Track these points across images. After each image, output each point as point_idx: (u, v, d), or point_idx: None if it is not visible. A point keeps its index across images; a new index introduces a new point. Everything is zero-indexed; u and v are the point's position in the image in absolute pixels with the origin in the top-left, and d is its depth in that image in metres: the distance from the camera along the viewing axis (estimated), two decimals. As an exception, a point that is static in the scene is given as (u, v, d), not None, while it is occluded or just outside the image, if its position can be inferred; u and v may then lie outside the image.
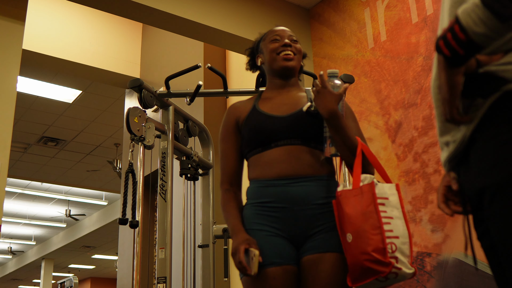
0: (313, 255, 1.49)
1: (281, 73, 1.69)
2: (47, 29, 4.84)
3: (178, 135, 2.89)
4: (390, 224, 1.35)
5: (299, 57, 1.70)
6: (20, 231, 12.42)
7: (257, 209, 1.56)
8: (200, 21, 3.69)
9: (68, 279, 5.27)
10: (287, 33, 1.71)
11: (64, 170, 8.56)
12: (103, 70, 5.12)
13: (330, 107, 1.50)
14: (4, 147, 2.72)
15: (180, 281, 3.16)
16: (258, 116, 1.63)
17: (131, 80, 2.59)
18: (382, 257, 1.30)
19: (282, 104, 1.65)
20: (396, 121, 3.33)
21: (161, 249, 2.51)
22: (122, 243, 5.37)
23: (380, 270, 1.31)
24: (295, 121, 1.59)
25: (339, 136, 1.51)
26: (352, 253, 1.37)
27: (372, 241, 1.32)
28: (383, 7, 3.63)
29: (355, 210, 1.38)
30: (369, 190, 1.39)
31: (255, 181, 1.60)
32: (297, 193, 1.52)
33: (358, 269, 1.35)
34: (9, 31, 2.97)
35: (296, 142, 1.57)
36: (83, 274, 16.60)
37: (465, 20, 0.89)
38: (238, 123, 1.69)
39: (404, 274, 1.33)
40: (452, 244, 2.82)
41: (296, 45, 1.70)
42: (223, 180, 1.68)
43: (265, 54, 1.71)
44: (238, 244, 1.48)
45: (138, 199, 2.44)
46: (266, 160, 1.57)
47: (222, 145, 1.71)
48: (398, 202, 1.41)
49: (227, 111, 1.73)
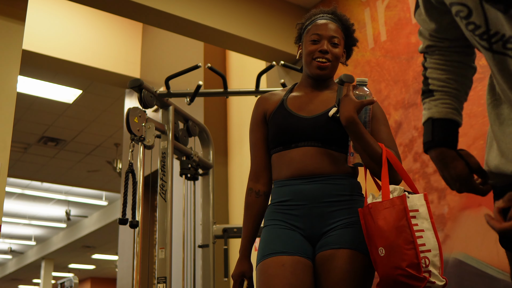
0: (327, 251, 1.49)
1: (313, 78, 1.68)
2: (47, 29, 4.85)
3: (178, 135, 2.89)
4: (422, 238, 1.35)
5: (335, 64, 1.65)
6: (20, 231, 12.42)
7: (276, 208, 1.59)
8: (200, 21, 3.69)
9: (68, 279, 5.26)
10: (328, 33, 1.64)
11: (64, 170, 8.57)
12: (103, 70, 5.12)
13: (348, 115, 1.49)
14: (4, 147, 2.72)
15: (180, 281, 3.16)
16: (284, 114, 1.63)
17: (131, 80, 2.59)
18: (416, 272, 1.30)
19: (310, 103, 1.65)
20: (396, 121, 3.33)
21: (161, 249, 2.51)
22: (122, 243, 5.37)
23: (415, 285, 1.31)
24: (318, 124, 1.58)
25: (359, 143, 1.50)
26: (385, 267, 1.36)
27: (407, 256, 1.31)
28: (383, 7, 3.63)
29: (387, 224, 1.36)
30: (400, 203, 1.37)
31: (276, 182, 1.63)
32: (312, 190, 1.53)
33: (391, 283, 1.35)
34: (9, 31, 2.97)
35: (316, 145, 1.57)
36: (83, 274, 16.60)
37: None
38: (265, 116, 1.69)
39: (437, 287, 1.34)
40: (452, 244, 2.82)
41: (335, 49, 1.63)
42: (250, 175, 1.69)
43: (303, 50, 1.69)
44: (235, 274, 1.58)
45: (138, 199, 2.44)
46: (284, 161, 1.59)
47: (251, 136, 1.71)
48: (427, 213, 1.39)
49: (257, 102, 1.73)
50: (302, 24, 1.75)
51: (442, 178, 1.21)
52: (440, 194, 2.95)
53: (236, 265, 1.60)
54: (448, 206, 2.89)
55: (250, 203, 1.65)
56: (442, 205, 2.92)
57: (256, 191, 1.65)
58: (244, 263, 1.59)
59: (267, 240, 1.55)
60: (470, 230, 2.75)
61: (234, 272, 1.59)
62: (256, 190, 1.65)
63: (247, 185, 1.67)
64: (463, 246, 2.77)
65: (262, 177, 1.66)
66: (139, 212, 2.41)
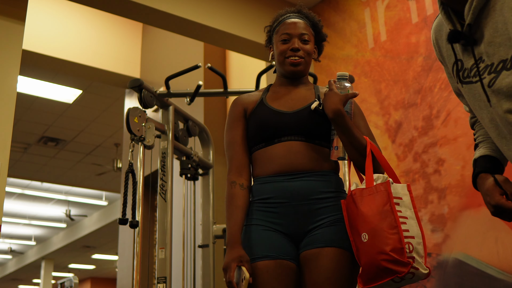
0: (312, 250, 1.47)
1: (288, 76, 1.69)
2: (47, 29, 4.85)
3: (178, 135, 2.88)
4: (406, 224, 1.34)
5: (308, 60, 1.67)
6: (20, 231, 12.41)
7: (258, 206, 1.56)
8: (200, 21, 3.69)
9: (68, 279, 5.26)
10: (298, 31, 1.66)
11: (64, 170, 8.56)
12: (103, 70, 5.12)
13: (334, 107, 1.49)
14: (4, 147, 2.72)
15: (180, 281, 3.16)
16: (265, 110, 1.62)
17: (131, 80, 2.59)
18: (400, 257, 1.29)
19: (289, 99, 1.65)
20: (396, 121, 3.33)
21: (161, 249, 2.51)
22: (122, 243, 5.37)
23: (399, 270, 1.29)
24: (300, 118, 1.58)
25: (345, 136, 1.50)
26: (368, 253, 1.34)
27: (390, 240, 1.30)
28: (383, 7, 3.63)
29: (371, 209, 1.36)
30: (384, 189, 1.38)
31: (257, 178, 1.60)
32: (296, 187, 1.51)
33: (373, 269, 1.33)
34: (9, 31, 2.97)
35: (299, 139, 1.56)
36: (83, 274, 16.59)
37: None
38: (245, 113, 1.67)
39: (420, 274, 1.32)
40: (452, 244, 2.82)
41: (306, 46, 1.66)
42: (230, 170, 1.61)
43: (275, 51, 1.70)
44: (230, 260, 1.44)
45: (138, 199, 2.44)
46: (267, 156, 1.57)
47: (230, 132, 1.66)
48: (410, 203, 1.40)
49: (234, 102, 1.71)
50: (270, 26, 1.76)
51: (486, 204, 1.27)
52: (440, 194, 2.95)
53: (229, 252, 1.47)
54: (448, 206, 2.89)
55: (235, 194, 1.56)
56: (442, 205, 2.92)
57: (240, 184, 1.58)
58: (239, 249, 1.47)
59: (249, 242, 1.51)
60: (470, 230, 2.75)
61: (228, 259, 1.45)
62: (240, 183, 1.58)
63: (229, 179, 1.59)
64: (463, 246, 2.77)
65: (244, 172, 1.60)
66: (139, 212, 2.41)
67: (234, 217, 1.53)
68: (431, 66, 3.16)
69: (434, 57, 3.16)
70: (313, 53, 1.69)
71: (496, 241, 2.61)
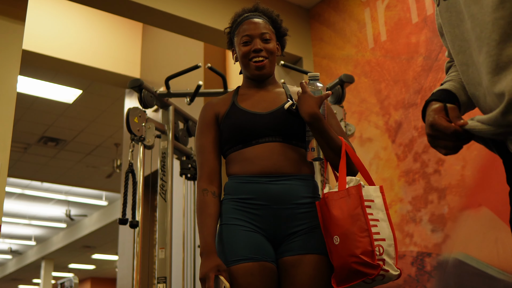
0: (293, 257, 1.47)
1: (254, 79, 1.67)
2: (47, 29, 4.84)
3: (178, 135, 2.89)
4: (377, 227, 1.36)
5: (272, 59, 1.65)
6: (20, 231, 12.41)
7: (236, 205, 1.53)
8: (200, 21, 3.69)
9: (68, 279, 5.27)
10: (258, 30, 1.64)
11: (64, 170, 8.56)
12: (103, 70, 5.12)
13: (311, 111, 1.48)
14: (4, 147, 2.72)
15: (180, 281, 3.16)
16: (238, 113, 1.60)
17: (131, 80, 2.59)
18: (370, 259, 1.31)
19: (261, 101, 1.63)
20: (396, 121, 3.33)
21: (161, 249, 2.51)
22: (122, 243, 5.37)
23: (369, 273, 1.32)
24: (276, 119, 1.57)
25: (322, 139, 1.50)
26: (340, 256, 1.37)
27: (361, 243, 1.33)
28: (383, 7, 3.63)
29: (342, 212, 1.38)
30: (356, 192, 1.39)
31: (235, 176, 1.57)
32: (278, 191, 1.50)
33: (345, 271, 1.36)
34: (9, 31, 2.97)
35: (277, 140, 1.55)
36: (83, 274, 16.59)
37: None
38: (217, 119, 1.64)
39: (391, 275, 1.34)
40: (452, 244, 2.82)
41: (268, 45, 1.63)
42: (200, 177, 1.59)
43: (237, 54, 1.67)
44: (208, 270, 1.42)
45: (138, 199, 2.44)
46: (247, 157, 1.55)
47: (200, 140, 1.63)
48: (382, 205, 1.42)
49: (204, 107, 1.67)
50: (230, 28, 1.74)
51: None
52: (440, 194, 2.95)
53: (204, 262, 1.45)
54: (448, 206, 2.89)
55: (208, 202, 1.54)
56: (442, 205, 2.92)
57: (212, 191, 1.56)
58: (215, 258, 1.45)
59: (230, 242, 1.49)
60: (470, 230, 2.75)
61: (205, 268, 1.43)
62: (212, 191, 1.56)
63: (200, 186, 1.57)
64: (463, 246, 2.77)
65: (215, 179, 1.59)
66: (139, 212, 2.41)
67: (207, 226, 1.51)
68: (431, 66, 3.16)
69: (434, 57, 3.16)
70: (276, 50, 1.67)
71: (496, 241, 2.61)
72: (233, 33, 1.72)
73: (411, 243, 3.06)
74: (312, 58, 4.14)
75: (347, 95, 3.30)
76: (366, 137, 3.52)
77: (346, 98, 3.27)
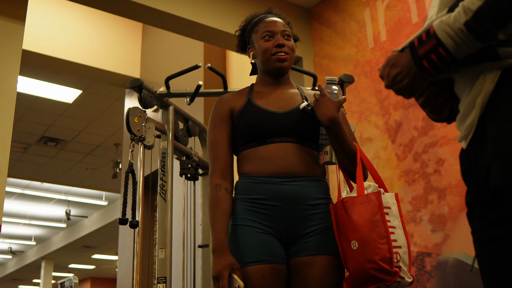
0: (305, 257, 1.48)
1: (275, 74, 1.66)
2: (47, 29, 4.84)
3: (178, 135, 2.89)
4: (394, 234, 1.38)
5: (292, 56, 1.65)
6: (20, 231, 12.41)
7: (248, 205, 1.52)
8: (200, 21, 3.69)
9: (68, 279, 5.26)
10: (279, 28, 1.65)
11: (64, 170, 8.56)
12: (103, 70, 5.12)
13: (330, 115, 1.49)
14: (4, 147, 2.72)
15: (180, 281, 3.16)
16: (255, 110, 1.59)
17: (131, 80, 2.59)
18: (389, 266, 1.33)
19: (277, 100, 1.63)
20: (396, 121, 3.33)
21: (161, 249, 2.51)
22: (122, 243, 5.37)
23: (386, 279, 1.33)
24: (291, 119, 1.57)
25: (338, 143, 1.51)
26: (357, 260, 1.37)
27: (380, 250, 1.34)
28: (383, 7, 3.63)
29: (362, 218, 1.39)
30: (376, 198, 1.40)
31: (248, 176, 1.56)
32: (291, 192, 1.50)
33: (361, 276, 1.37)
34: (9, 31, 2.97)
35: (292, 140, 1.55)
36: (83, 274, 16.60)
37: (450, 44, 0.96)
38: (232, 114, 1.63)
39: (405, 283, 1.36)
40: (452, 244, 2.82)
41: (289, 42, 1.64)
42: (213, 172, 1.57)
43: (257, 50, 1.66)
44: (222, 268, 1.41)
45: (138, 199, 2.44)
46: (261, 156, 1.54)
47: (214, 133, 1.62)
48: (398, 212, 1.43)
49: (219, 101, 1.66)
50: (244, 30, 1.73)
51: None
52: (440, 194, 2.95)
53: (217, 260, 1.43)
54: (448, 206, 2.89)
55: (221, 198, 1.52)
56: (442, 205, 2.92)
57: (225, 187, 1.55)
58: (229, 256, 1.44)
59: (242, 244, 1.48)
60: (470, 230, 2.75)
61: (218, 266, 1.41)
62: (225, 187, 1.55)
63: (213, 181, 1.55)
64: (463, 246, 2.76)
65: (228, 175, 1.57)
66: (139, 212, 2.41)
67: (220, 222, 1.50)
68: (431, 66, 3.16)
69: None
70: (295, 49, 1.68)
71: (496, 241, 2.61)
72: (249, 32, 1.71)
73: (411, 243, 3.06)
74: (312, 58, 4.14)
75: (347, 95, 3.31)
76: (366, 137, 3.52)
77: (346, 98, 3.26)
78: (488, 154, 0.99)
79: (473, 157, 1.05)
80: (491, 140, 0.98)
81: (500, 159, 0.95)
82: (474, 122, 1.03)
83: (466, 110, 1.05)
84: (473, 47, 0.96)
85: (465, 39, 0.95)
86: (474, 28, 0.93)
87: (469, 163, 1.07)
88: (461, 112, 1.08)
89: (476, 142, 1.04)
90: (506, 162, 0.94)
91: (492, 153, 0.97)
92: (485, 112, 1.01)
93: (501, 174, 0.95)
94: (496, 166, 0.96)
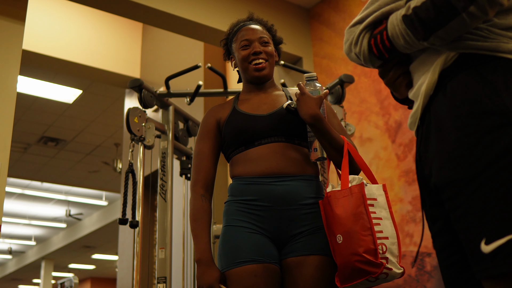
0: (296, 258, 1.47)
1: (254, 82, 1.68)
2: (47, 29, 4.84)
3: (178, 135, 2.89)
4: (380, 225, 1.37)
5: (271, 62, 1.67)
6: (20, 231, 12.41)
7: (239, 206, 1.53)
8: (200, 21, 3.69)
9: (68, 279, 5.27)
10: (257, 35, 1.66)
11: (64, 170, 8.56)
12: (103, 70, 5.12)
13: (312, 112, 1.48)
14: (4, 147, 2.72)
15: (180, 281, 3.16)
16: (240, 116, 1.61)
17: (131, 80, 2.59)
18: (373, 258, 1.32)
19: (261, 103, 1.64)
20: (396, 121, 3.33)
21: (161, 249, 2.51)
22: (122, 243, 5.37)
23: (372, 271, 1.32)
24: (277, 119, 1.58)
25: (324, 139, 1.50)
26: (343, 254, 1.37)
27: (363, 242, 1.33)
28: (383, 7, 3.63)
29: (345, 211, 1.38)
30: (358, 191, 1.39)
31: (239, 178, 1.57)
32: (282, 192, 1.50)
33: (348, 270, 1.36)
34: (9, 31, 2.97)
35: (280, 140, 1.56)
36: (83, 274, 16.60)
37: (391, 31, 1.04)
38: (219, 124, 1.65)
39: (394, 274, 1.35)
40: (452, 244, 2.82)
41: (267, 48, 1.66)
42: (197, 182, 1.60)
43: (237, 59, 1.69)
44: (213, 281, 1.44)
45: (138, 199, 2.44)
46: (250, 158, 1.55)
47: (200, 144, 1.64)
48: (385, 203, 1.42)
49: (207, 114, 1.69)
50: (226, 39, 1.76)
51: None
52: (440, 194, 2.95)
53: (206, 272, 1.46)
54: (448, 206, 2.89)
55: (205, 209, 1.56)
56: (442, 205, 2.92)
57: (208, 199, 1.59)
58: (216, 267, 1.48)
59: (233, 245, 1.49)
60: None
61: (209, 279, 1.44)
62: (208, 198, 1.59)
63: (197, 191, 1.59)
64: (463, 246, 2.76)
65: (210, 186, 1.61)
66: (139, 212, 2.41)
67: (205, 233, 1.53)
68: (431, 66, 3.16)
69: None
70: (275, 54, 1.69)
71: (496, 241, 2.61)
72: (230, 41, 1.74)
73: (411, 243, 3.06)
74: (312, 58, 4.14)
75: (347, 95, 3.30)
76: (366, 137, 3.52)
77: (346, 98, 3.27)
78: (431, 153, 1.01)
79: (419, 155, 1.08)
80: (433, 138, 1.01)
81: (439, 158, 0.98)
82: (418, 111, 1.07)
83: (414, 96, 1.09)
84: (411, 42, 1.01)
85: (402, 30, 1.01)
86: (408, 23, 1.00)
87: (420, 162, 1.09)
88: (411, 96, 1.11)
89: (423, 137, 1.06)
90: (443, 162, 0.96)
91: (433, 152, 1.00)
92: (429, 103, 1.04)
93: (438, 173, 0.97)
94: (435, 165, 0.99)
